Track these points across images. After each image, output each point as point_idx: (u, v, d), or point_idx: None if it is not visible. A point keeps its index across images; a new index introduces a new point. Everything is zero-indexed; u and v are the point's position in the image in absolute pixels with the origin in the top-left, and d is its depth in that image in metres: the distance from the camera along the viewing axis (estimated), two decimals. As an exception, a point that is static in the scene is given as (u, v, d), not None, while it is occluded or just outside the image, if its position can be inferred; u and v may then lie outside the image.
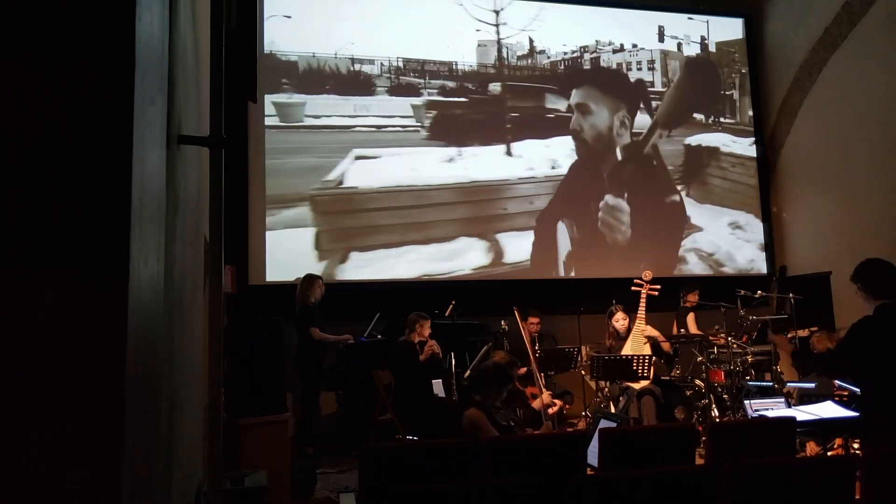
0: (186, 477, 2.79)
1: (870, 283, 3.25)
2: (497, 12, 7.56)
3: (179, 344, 2.49)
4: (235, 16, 2.90)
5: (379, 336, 6.21)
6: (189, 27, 2.84)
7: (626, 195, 7.72)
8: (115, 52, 1.35)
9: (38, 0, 1.31)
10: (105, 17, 1.35)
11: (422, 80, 7.19)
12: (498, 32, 7.54)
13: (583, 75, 7.85)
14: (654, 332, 6.13)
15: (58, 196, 1.28)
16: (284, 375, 4.56)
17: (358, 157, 6.80)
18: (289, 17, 6.86)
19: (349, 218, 6.76)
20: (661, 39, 8.20)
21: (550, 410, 5.73)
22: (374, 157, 6.87)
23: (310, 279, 5.89)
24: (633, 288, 6.16)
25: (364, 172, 6.82)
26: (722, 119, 8.29)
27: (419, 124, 7.12)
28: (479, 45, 7.48)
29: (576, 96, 7.78)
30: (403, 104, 7.11)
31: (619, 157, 7.76)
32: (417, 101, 7.15)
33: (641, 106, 7.99)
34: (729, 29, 8.50)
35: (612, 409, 5.86)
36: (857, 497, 2.56)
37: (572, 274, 7.45)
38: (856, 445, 4.15)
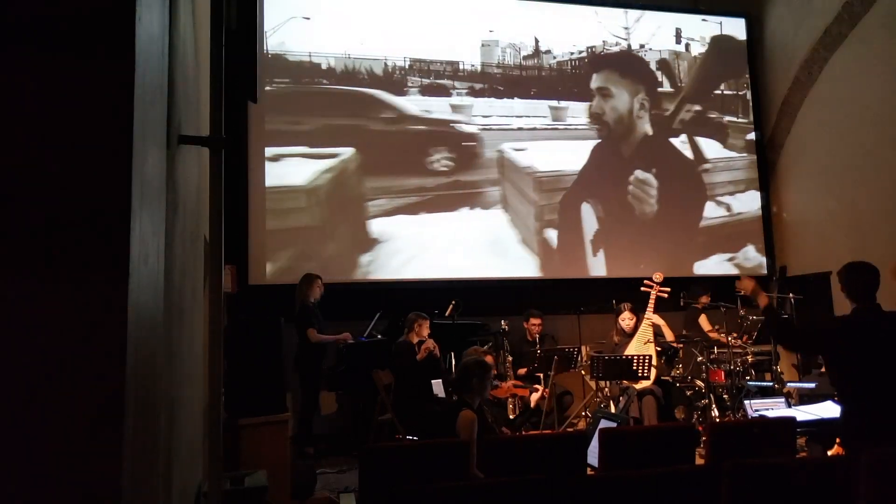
0: (186, 477, 2.79)
1: (850, 285, 3.28)
2: (627, 28, 8.16)
3: (179, 344, 2.49)
4: (235, 16, 2.91)
5: (379, 336, 6.21)
6: (189, 27, 2.83)
7: (654, 171, 7.93)
8: (115, 52, 1.35)
9: (38, 1, 1.31)
10: (105, 17, 1.35)
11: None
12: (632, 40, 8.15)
13: (602, 60, 8.01)
14: (660, 321, 6.12)
15: (57, 196, 1.28)
16: (284, 375, 4.56)
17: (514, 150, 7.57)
18: (307, 18, 7.02)
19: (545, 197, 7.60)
20: (678, 41, 8.30)
21: (533, 399, 5.74)
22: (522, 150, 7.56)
23: (309, 279, 5.87)
24: (642, 289, 6.14)
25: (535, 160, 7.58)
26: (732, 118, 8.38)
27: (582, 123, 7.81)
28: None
29: (596, 80, 7.93)
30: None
31: (650, 131, 8.02)
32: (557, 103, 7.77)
33: (661, 89, 8.17)
34: (730, 28, 8.51)
35: (613, 409, 5.86)
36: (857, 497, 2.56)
37: (602, 269, 7.54)
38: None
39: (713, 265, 7.93)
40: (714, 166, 8.16)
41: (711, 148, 8.20)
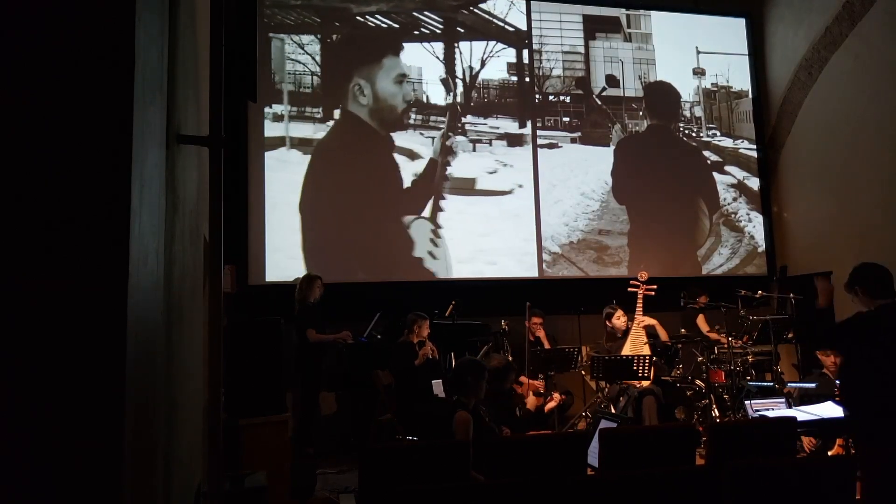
0: (186, 477, 2.79)
1: (870, 284, 3.24)
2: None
3: (179, 344, 2.49)
4: (235, 16, 2.91)
5: (378, 336, 6.21)
6: (189, 27, 2.83)
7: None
8: (115, 52, 1.35)
9: (38, 0, 1.31)
10: (105, 17, 1.35)
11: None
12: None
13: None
14: (652, 321, 6.09)
15: (57, 196, 1.28)
16: (284, 375, 4.56)
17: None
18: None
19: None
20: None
21: (547, 407, 5.72)
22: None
23: (309, 279, 5.86)
24: (629, 289, 6.15)
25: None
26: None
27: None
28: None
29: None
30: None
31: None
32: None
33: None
34: (730, 29, 8.51)
35: (613, 410, 5.85)
36: (858, 497, 2.56)
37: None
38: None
39: (713, 265, 7.94)
40: (714, 165, 8.18)
41: (711, 147, 8.21)
